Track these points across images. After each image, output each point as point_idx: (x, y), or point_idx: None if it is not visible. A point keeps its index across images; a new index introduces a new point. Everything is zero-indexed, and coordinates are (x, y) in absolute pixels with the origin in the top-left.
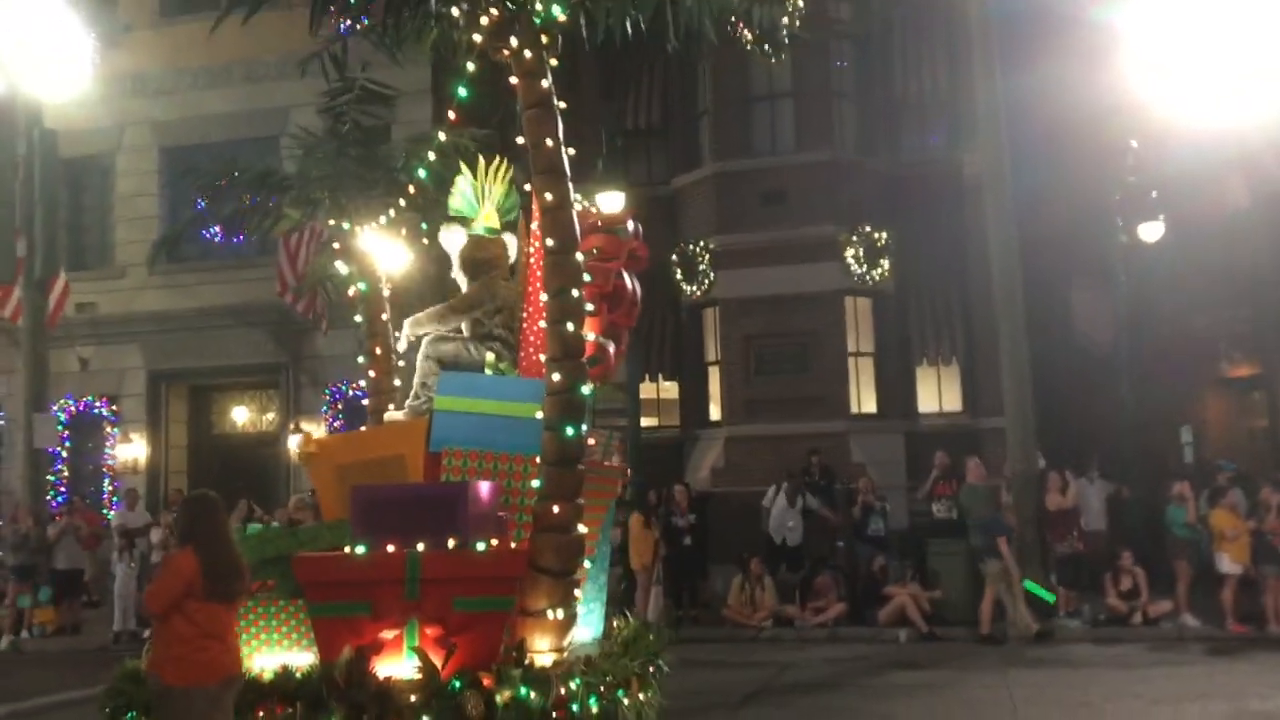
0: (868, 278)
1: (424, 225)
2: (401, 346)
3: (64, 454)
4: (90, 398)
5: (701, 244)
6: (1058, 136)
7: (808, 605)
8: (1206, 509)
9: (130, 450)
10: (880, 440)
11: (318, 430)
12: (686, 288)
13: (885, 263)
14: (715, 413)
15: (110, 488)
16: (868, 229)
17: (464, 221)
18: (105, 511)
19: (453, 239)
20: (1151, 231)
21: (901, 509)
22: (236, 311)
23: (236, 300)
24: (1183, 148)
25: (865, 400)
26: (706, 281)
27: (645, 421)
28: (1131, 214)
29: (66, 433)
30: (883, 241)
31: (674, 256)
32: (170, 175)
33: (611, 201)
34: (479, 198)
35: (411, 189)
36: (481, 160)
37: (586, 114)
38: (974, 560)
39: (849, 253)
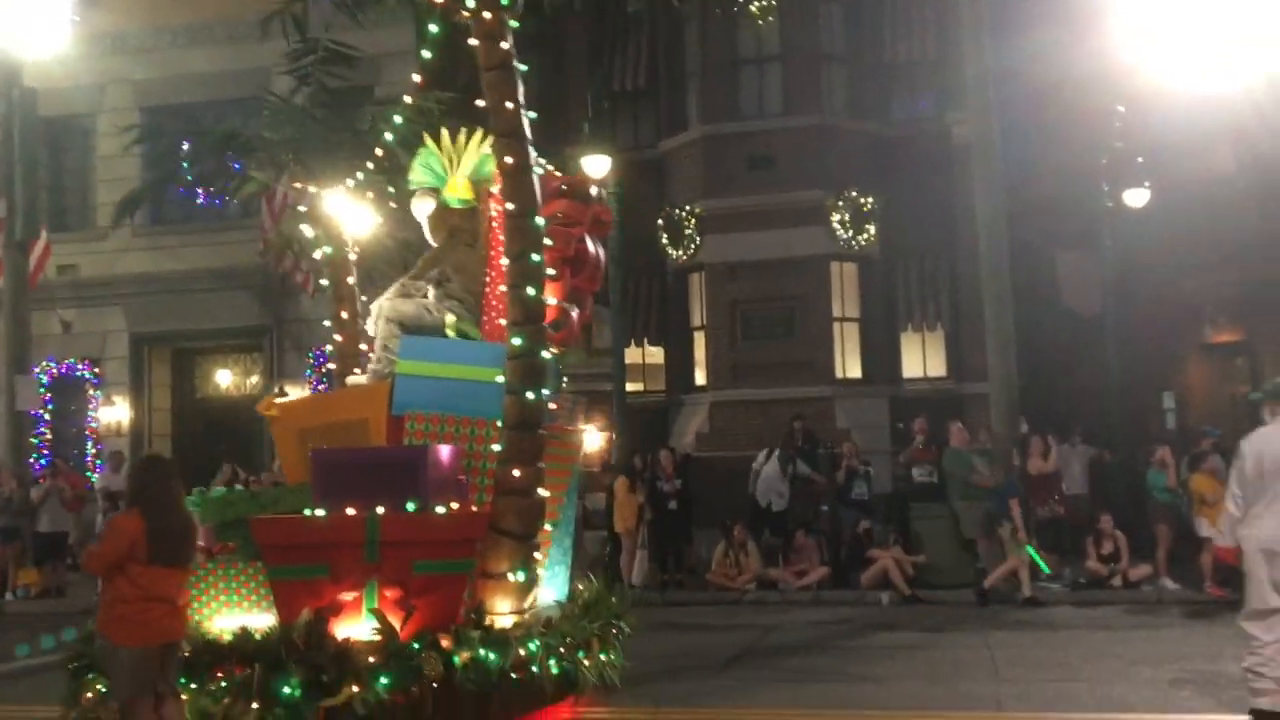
0: (854, 243)
1: (390, 190)
2: (370, 327)
3: (46, 417)
4: (72, 360)
5: (688, 208)
6: (1046, 102)
7: (790, 568)
8: (1187, 474)
9: (113, 413)
10: (865, 405)
11: (301, 393)
12: (673, 252)
13: (871, 228)
14: (701, 378)
15: (93, 450)
16: (854, 194)
17: (435, 191)
18: (89, 474)
19: (422, 208)
20: (1137, 197)
21: (885, 473)
22: (220, 274)
23: (220, 263)
24: (1170, 114)
25: (850, 365)
26: (693, 246)
27: (631, 386)
28: (1118, 180)
29: (49, 395)
30: (869, 206)
31: (660, 221)
32: (153, 135)
33: (597, 165)
34: (449, 166)
35: (379, 152)
36: (446, 132)
37: (573, 77)
38: (956, 524)
39: (835, 217)
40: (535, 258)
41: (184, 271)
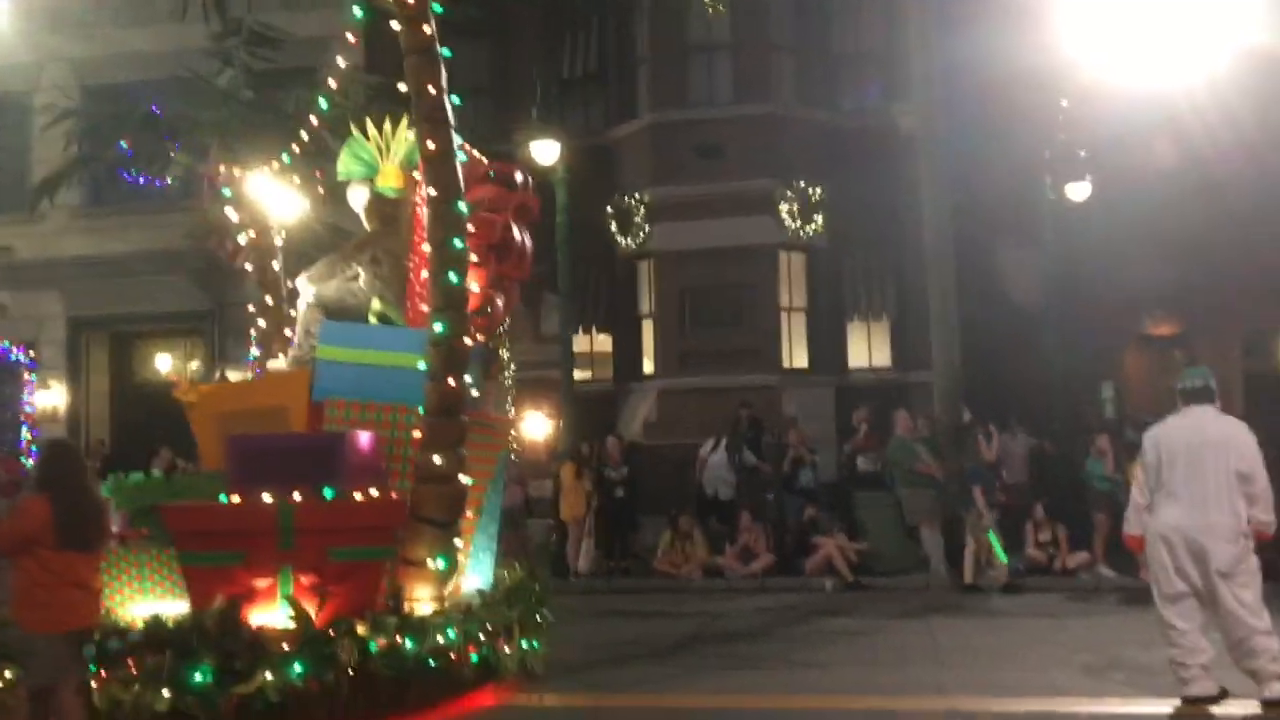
0: (802, 232)
1: (317, 174)
2: (301, 304)
3: None
4: (7, 344)
5: (637, 196)
6: (992, 96)
7: (734, 553)
8: (1125, 462)
9: (49, 398)
10: (811, 394)
11: (242, 378)
12: (621, 240)
13: (819, 218)
14: (648, 365)
15: (28, 436)
16: (803, 184)
17: (369, 181)
18: (24, 460)
19: (357, 198)
20: (1079, 191)
21: (831, 462)
22: (160, 256)
23: (161, 245)
24: (1112, 109)
25: (797, 354)
26: (642, 234)
27: (579, 374)
28: (1060, 173)
29: None
30: (818, 196)
31: (609, 208)
32: (77, 115)
33: (545, 151)
34: (379, 155)
35: (305, 136)
36: (370, 121)
37: (522, 62)
38: (900, 511)
39: (784, 207)
40: (458, 244)
41: (123, 254)
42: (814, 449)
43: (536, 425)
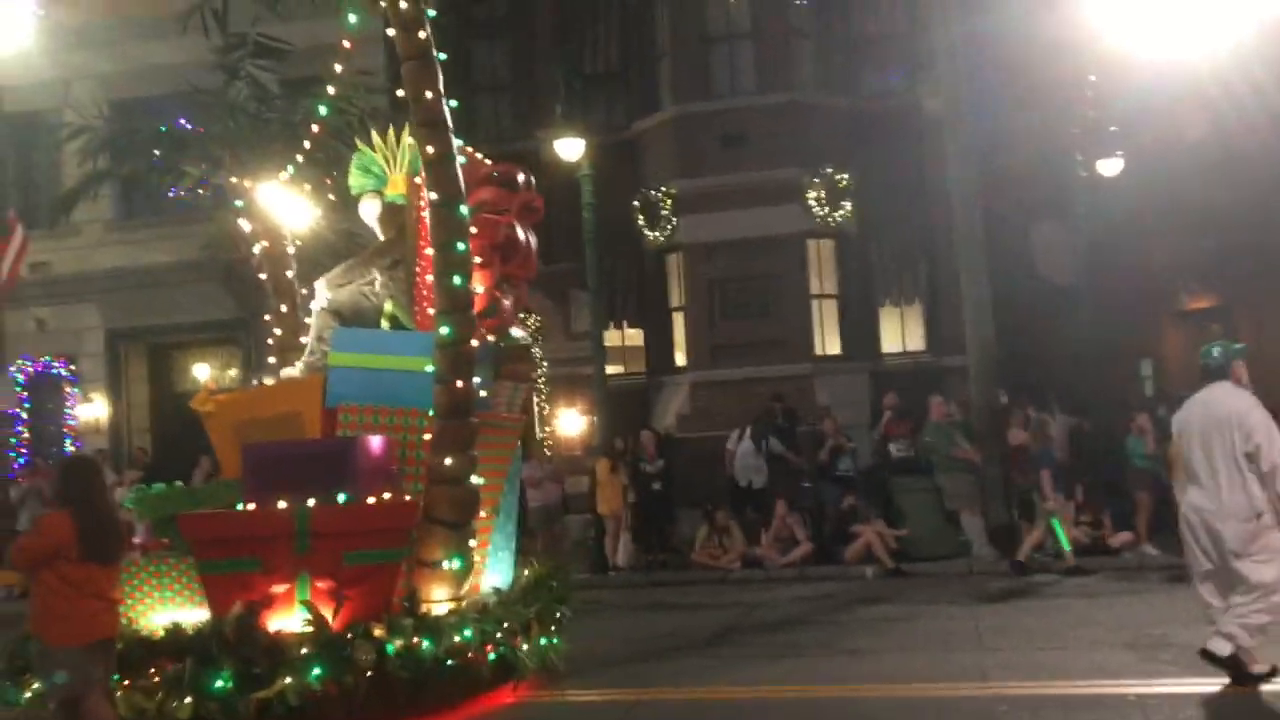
0: (830, 219)
1: (327, 181)
2: (315, 307)
3: (24, 415)
4: (48, 358)
5: (663, 189)
6: (1017, 72)
7: (771, 542)
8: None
9: (91, 410)
10: (845, 381)
11: None
12: (649, 233)
13: (847, 204)
14: (680, 358)
15: (72, 448)
16: (829, 170)
17: (379, 193)
18: None
19: (370, 210)
20: (1110, 166)
21: (866, 449)
22: (193, 267)
23: (192, 256)
24: (1139, 83)
25: (830, 342)
26: (669, 227)
27: (611, 369)
28: (1090, 149)
29: (25, 394)
30: (844, 183)
31: (635, 202)
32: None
33: (570, 148)
34: (388, 165)
35: (307, 145)
36: (375, 133)
37: (543, 60)
38: (939, 496)
39: (810, 195)
40: (460, 246)
41: (157, 265)
42: (850, 436)
43: (571, 421)
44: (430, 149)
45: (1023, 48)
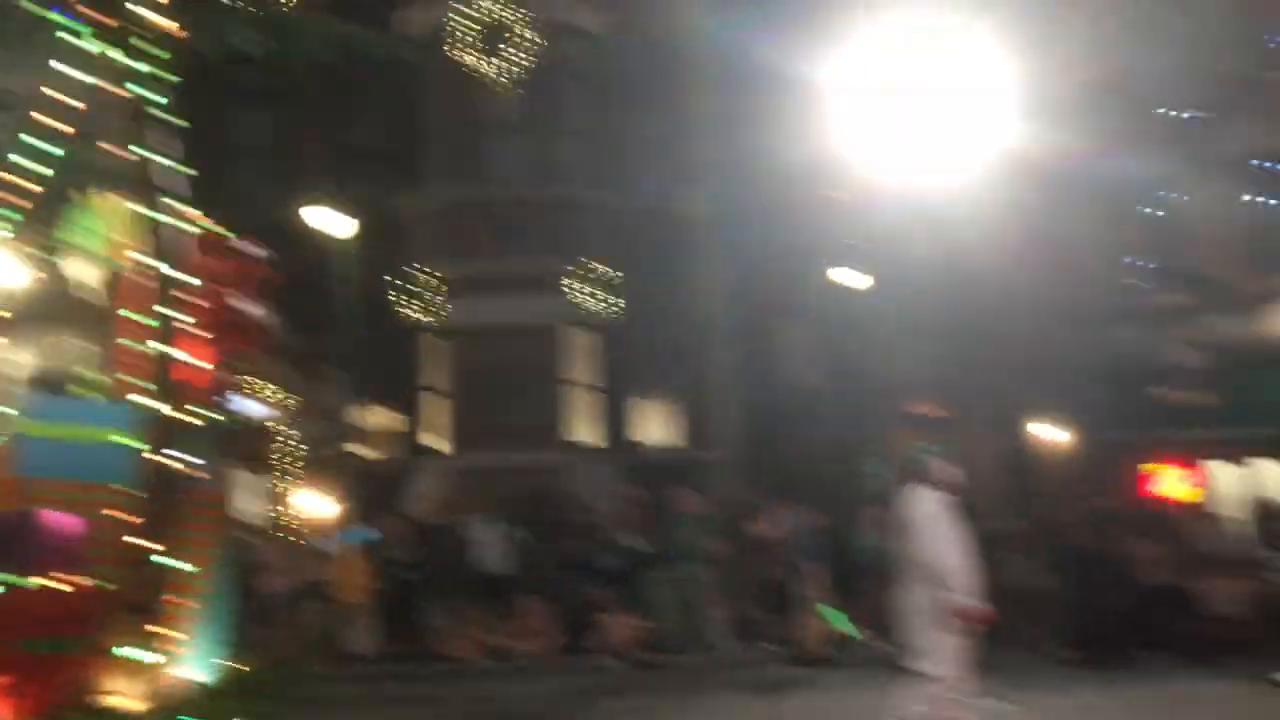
0: (593, 312)
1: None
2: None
3: None
4: None
5: (424, 270)
6: (778, 184)
7: (514, 629)
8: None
9: None
10: (601, 472)
11: None
12: (407, 313)
13: (610, 297)
14: (436, 442)
15: None
16: (593, 263)
17: (98, 255)
18: None
19: (83, 272)
20: (854, 278)
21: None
22: None
23: None
24: (883, 204)
25: (587, 432)
26: (428, 308)
27: (365, 450)
28: (838, 261)
29: None
30: (607, 276)
31: (396, 281)
32: None
33: (332, 222)
34: (107, 227)
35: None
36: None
37: (305, 130)
38: (685, 588)
39: (574, 287)
40: (165, 313)
41: None
42: (604, 526)
43: (320, 504)
44: (142, 210)
45: (782, 162)
